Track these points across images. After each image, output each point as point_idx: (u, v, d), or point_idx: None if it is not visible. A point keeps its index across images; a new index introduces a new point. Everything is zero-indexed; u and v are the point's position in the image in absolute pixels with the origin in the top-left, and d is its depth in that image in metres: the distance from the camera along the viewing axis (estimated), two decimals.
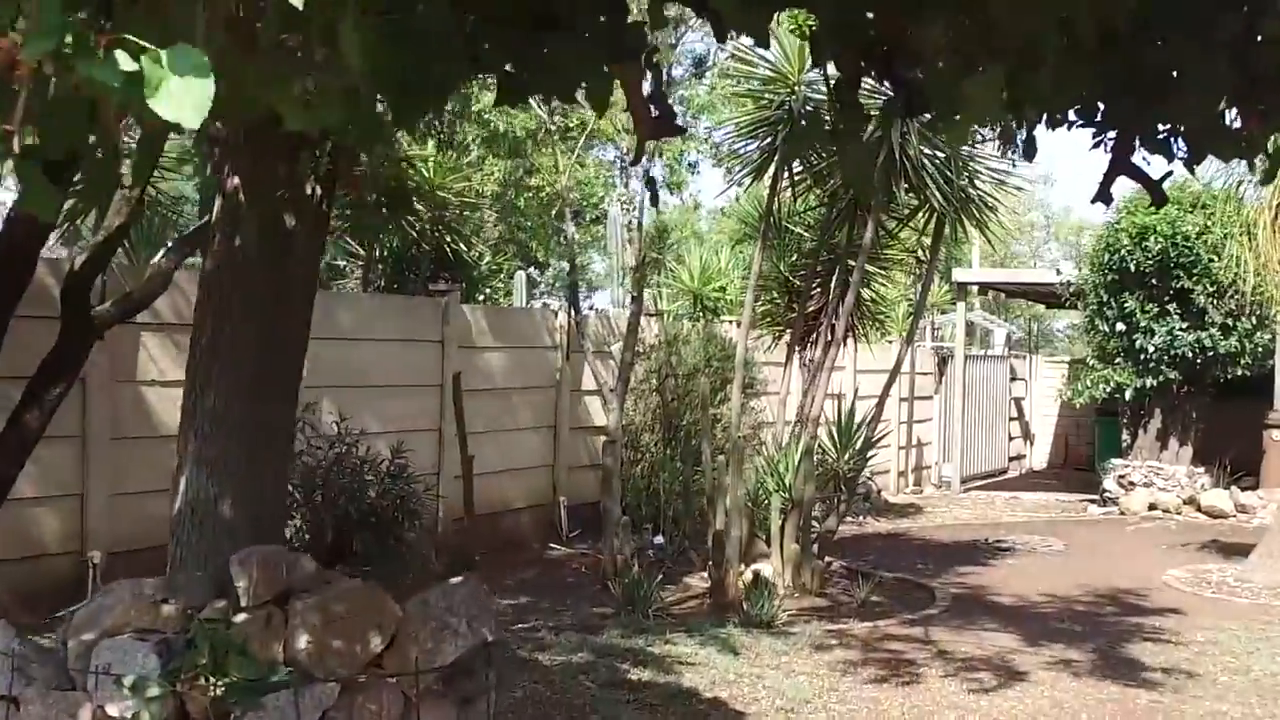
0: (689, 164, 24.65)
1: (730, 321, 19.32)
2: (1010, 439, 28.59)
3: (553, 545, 15.37)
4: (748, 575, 12.81)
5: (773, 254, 16.32)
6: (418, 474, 12.95)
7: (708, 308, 20.52)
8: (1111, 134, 4.80)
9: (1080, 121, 4.72)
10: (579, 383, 16.05)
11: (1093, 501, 21.12)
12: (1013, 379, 28.60)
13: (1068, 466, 28.52)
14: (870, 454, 13.78)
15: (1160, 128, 4.75)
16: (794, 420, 14.00)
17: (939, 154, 13.03)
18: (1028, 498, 22.81)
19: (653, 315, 18.03)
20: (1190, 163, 4.72)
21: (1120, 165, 4.49)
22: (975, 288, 28.57)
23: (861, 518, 19.01)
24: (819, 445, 13.40)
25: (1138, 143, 4.80)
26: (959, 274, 24.82)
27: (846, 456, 13.23)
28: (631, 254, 14.59)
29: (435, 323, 14.23)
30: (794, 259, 15.92)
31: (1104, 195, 4.61)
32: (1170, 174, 4.68)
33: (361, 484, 11.62)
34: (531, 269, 21.76)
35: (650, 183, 14.64)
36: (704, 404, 13.96)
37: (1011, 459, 28.65)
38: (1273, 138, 4.63)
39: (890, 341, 24.48)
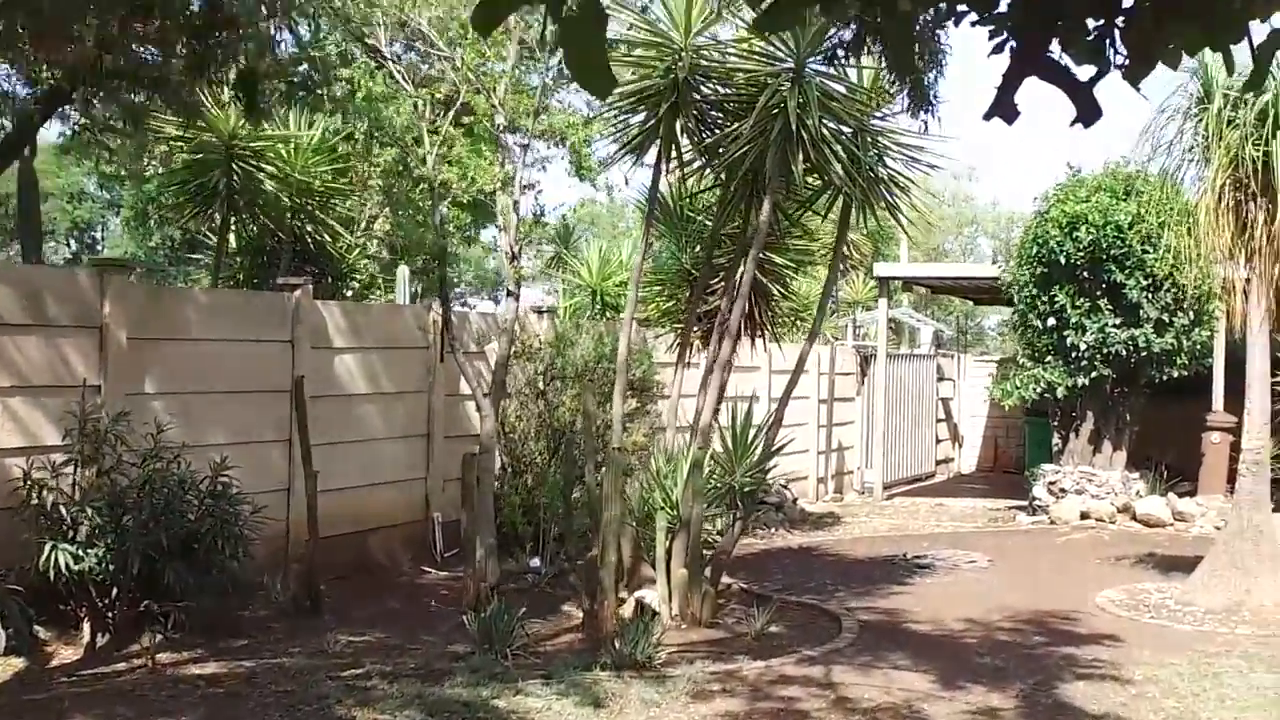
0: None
1: (632, 320, 17.87)
2: (937, 442, 27.33)
3: (426, 568, 13.80)
4: (630, 605, 11.41)
5: (673, 245, 15.03)
6: (264, 490, 11.44)
7: (609, 304, 19.10)
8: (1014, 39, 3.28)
9: (973, 13, 3.23)
10: (455, 387, 14.47)
11: (1022, 509, 19.79)
12: (940, 379, 27.34)
13: (997, 470, 27.34)
14: (771, 463, 12.30)
15: (1090, 22, 3.24)
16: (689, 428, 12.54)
17: (844, 128, 11.60)
18: (954, 505, 21.47)
19: (543, 312, 16.57)
20: (1131, 71, 3.22)
21: (1028, 61, 3.00)
22: (900, 283, 27.24)
23: (773, 530, 17.64)
24: (713, 455, 11.91)
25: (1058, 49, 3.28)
26: (882, 268, 23.45)
27: (743, 468, 11.73)
28: (506, 243, 13.04)
29: (284, 320, 12.64)
30: (698, 250, 14.52)
31: (1003, 107, 3.11)
32: (1102, 75, 3.16)
33: (180, 505, 10.05)
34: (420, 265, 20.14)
35: (524, 149, 13.03)
36: (586, 410, 12.44)
37: (939, 462, 27.40)
38: (1262, 26, 3.13)
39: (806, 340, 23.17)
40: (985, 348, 41.08)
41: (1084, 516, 18.68)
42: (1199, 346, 18.89)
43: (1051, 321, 18.91)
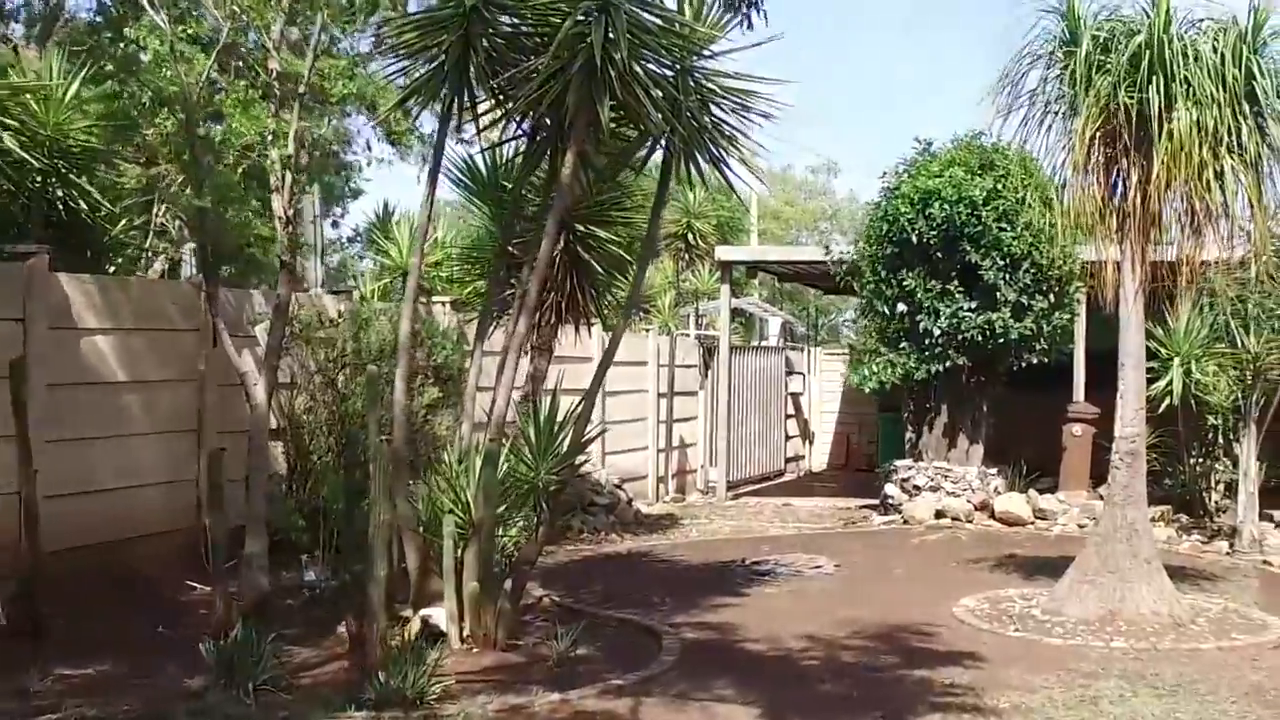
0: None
1: (442, 302, 16.14)
2: (787, 438, 25.99)
3: (193, 582, 11.85)
4: (415, 624, 9.67)
5: (489, 219, 13.32)
6: None
7: (422, 286, 17.25)
8: None
9: None
10: (234, 375, 12.56)
11: (874, 508, 18.38)
12: (790, 373, 25.96)
13: (849, 468, 26.10)
14: (582, 460, 10.64)
15: None
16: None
17: (664, 69, 9.96)
18: (802, 505, 20.01)
19: (339, 292, 14.76)
20: None
21: None
22: (745, 270, 25.81)
23: (603, 534, 16.00)
24: (514, 451, 10.17)
25: None
26: (724, 252, 21.89)
27: (548, 464, 10.01)
28: (279, 205, 11.21)
29: (13, 295, 10.66)
30: (518, 225, 12.85)
31: None
32: None
33: None
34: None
35: (300, 98, 11.24)
36: (371, 399, 10.62)
37: (789, 460, 26.07)
38: None
39: (646, 330, 21.65)
40: (840, 344, 39.90)
41: (939, 516, 17.30)
42: (1060, 331, 17.66)
43: (902, 307, 17.51)
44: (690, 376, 22.10)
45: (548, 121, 10.23)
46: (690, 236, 24.22)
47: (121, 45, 14.08)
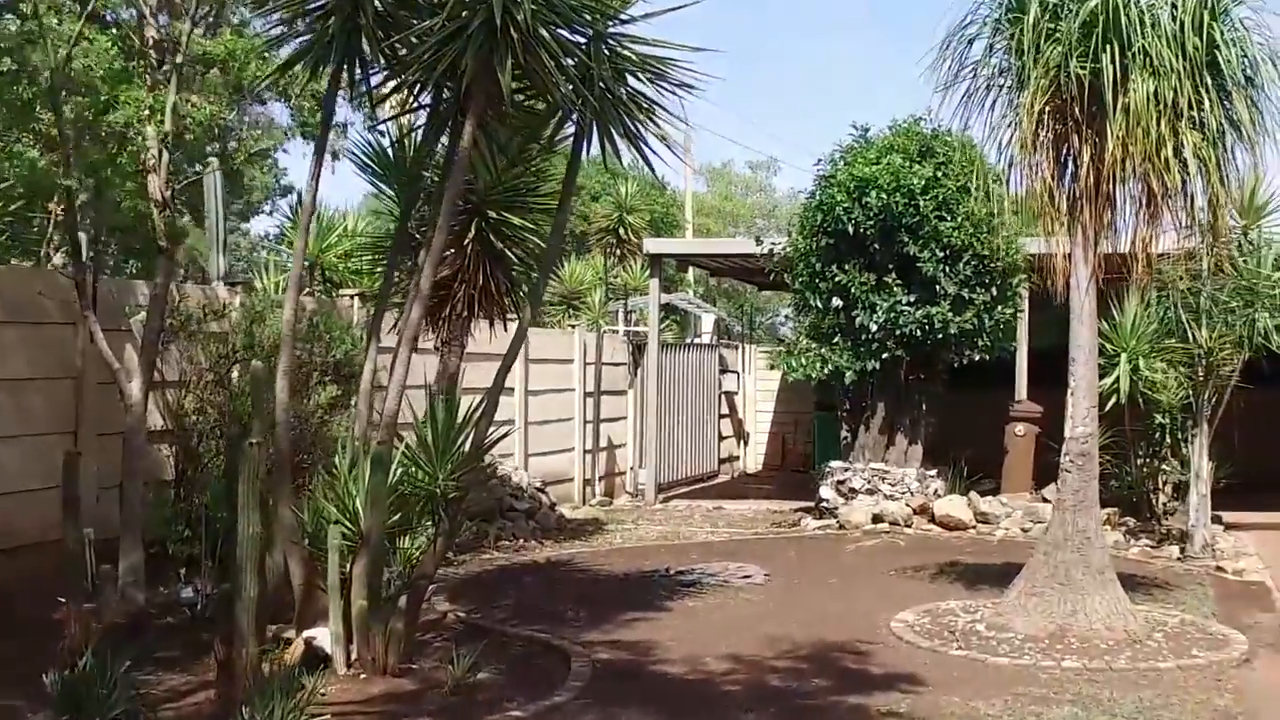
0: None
1: (351, 295, 15.19)
2: (721, 439, 25.16)
3: (62, 599, 10.78)
4: (298, 647, 8.74)
5: (397, 205, 12.34)
6: None
7: (330, 279, 16.30)
8: None
9: None
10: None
11: (809, 512, 17.52)
12: (723, 371, 25.11)
13: (785, 468, 25.32)
14: (491, 464, 9.70)
15: None
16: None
17: (577, 36, 9.03)
18: (735, 508, 19.14)
19: (236, 285, 13.76)
20: None
21: None
22: (674, 263, 24.91)
23: (522, 541, 15.06)
24: (409, 454, 9.20)
25: None
26: (652, 244, 20.98)
27: (447, 469, 9.05)
28: (155, 186, 10.19)
29: None
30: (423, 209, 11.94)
31: None
32: None
33: None
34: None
35: (177, 70, 10.24)
36: (258, 397, 9.62)
37: (723, 461, 25.25)
38: None
39: (573, 327, 20.76)
40: (778, 342, 39.10)
41: (877, 520, 16.45)
42: (1002, 326, 16.90)
43: (836, 302, 16.66)
44: (619, 375, 21.23)
45: (447, 92, 9.28)
46: (622, 231, 23.39)
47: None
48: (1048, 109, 9.63)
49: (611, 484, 20.85)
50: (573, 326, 20.64)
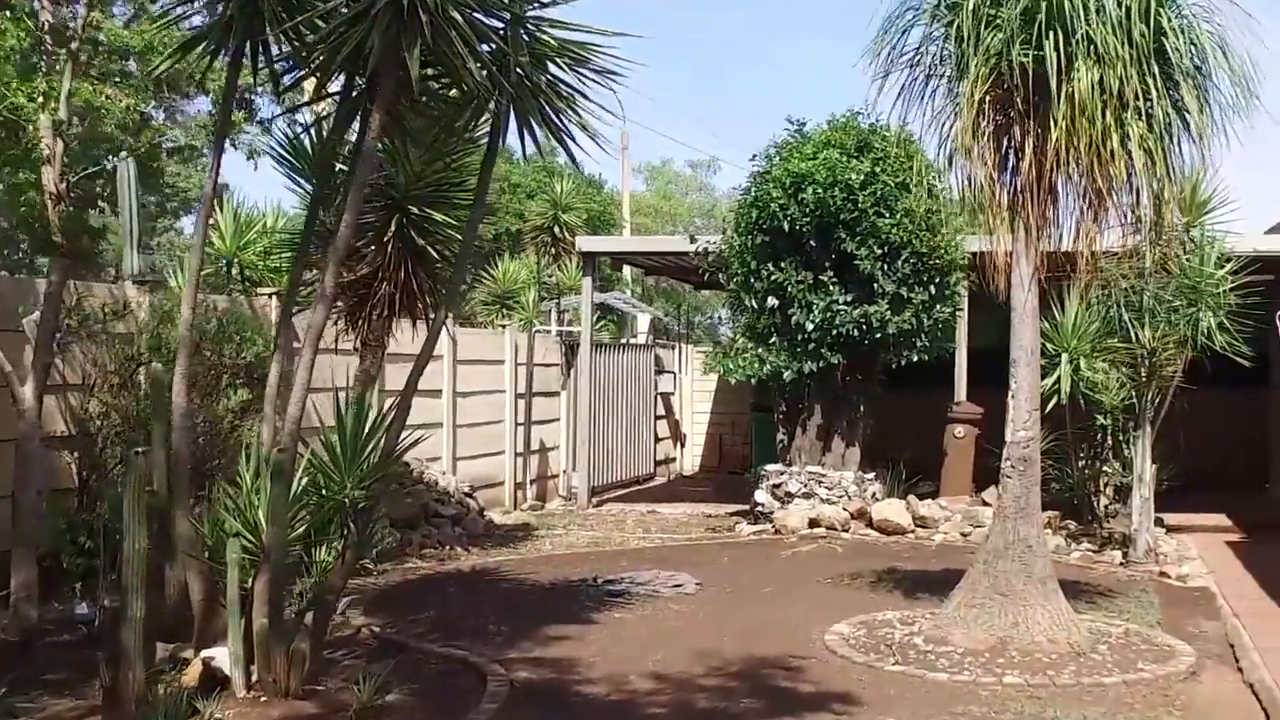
0: None
1: (269, 294, 14.58)
2: (657, 440, 24.69)
3: None
4: (196, 667, 8.18)
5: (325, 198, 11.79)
6: None
7: (249, 277, 15.65)
8: None
9: None
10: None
11: (744, 515, 17.07)
12: (660, 371, 24.63)
13: (722, 470, 24.97)
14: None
15: None
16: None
17: (494, 20, 8.51)
18: (669, 512, 18.67)
19: (145, 283, 13.11)
20: None
21: None
22: (608, 260, 24.43)
23: (448, 549, 14.53)
24: (314, 462, 8.65)
25: None
26: (585, 242, 20.45)
27: (356, 477, 8.52)
28: (49, 178, 9.58)
29: None
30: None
31: None
32: None
33: None
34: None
35: (72, 56, 9.65)
36: (158, 401, 9.05)
37: (659, 463, 24.79)
38: None
39: (503, 327, 20.23)
40: (715, 343, 38.70)
41: (813, 524, 16.02)
42: (941, 326, 16.53)
43: (772, 301, 16.22)
44: (552, 376, 20.76)
45: (358, 80, 8.73)
46: (557, 229, 22.85)
47: None
48: (989, 99, 9.19)
49: (544, 487, 20.35)
50: (503, 327, 20.11)
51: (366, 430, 8.60)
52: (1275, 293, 14.64)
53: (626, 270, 29.84)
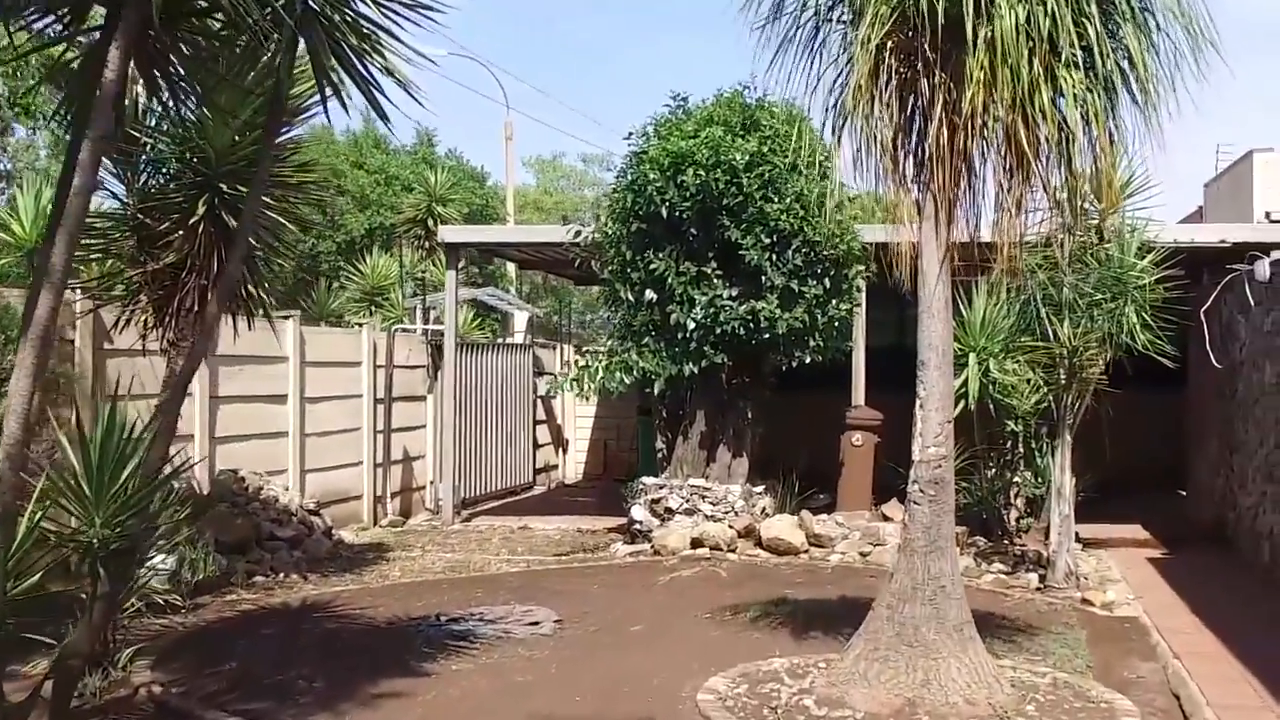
0: None
1: (76, 286, 12.76)
2: (537, 447, 22.96)
3: None
4: None
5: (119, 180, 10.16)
6: None
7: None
8: None
9: None
10: None
11: (622, 532, 15.43)
12: (540, 373, 22.92)
13: (607, 477, 23.41)
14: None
15: None
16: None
17: None
18: (541, 527, 16.98)
19: None
20: None
21: None
22: (476, 253, 22.68)
23: (283, 576, 12.76)
24: (57, 490, 6.86)
25: None
26: (448, 232, 18.65)
27: (108, 510, 6.76)
28: None
29: None
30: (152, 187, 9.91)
31: None
32: None
33: None
34: None
35: None
36: None
37: (539, 471, 23.17)
38: None
39: (359, 326, 18.47)
40: (601, 342, 37.08)
41: (696, 544, 14.37)
42: (837, 324, 15.00)
43: (650, 295, 14.59)
44: (417, 378, 19.01)
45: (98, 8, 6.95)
46: (431, 222, 21.20)
47: None
48: (890, 45, 7.58)
49: (408, 500, 18.60)
50: (359, 326, 18.35)
51: (119, 451, 6.82)
52: (1191, 289, 13.37)
53: (510, 267, 28.16)
